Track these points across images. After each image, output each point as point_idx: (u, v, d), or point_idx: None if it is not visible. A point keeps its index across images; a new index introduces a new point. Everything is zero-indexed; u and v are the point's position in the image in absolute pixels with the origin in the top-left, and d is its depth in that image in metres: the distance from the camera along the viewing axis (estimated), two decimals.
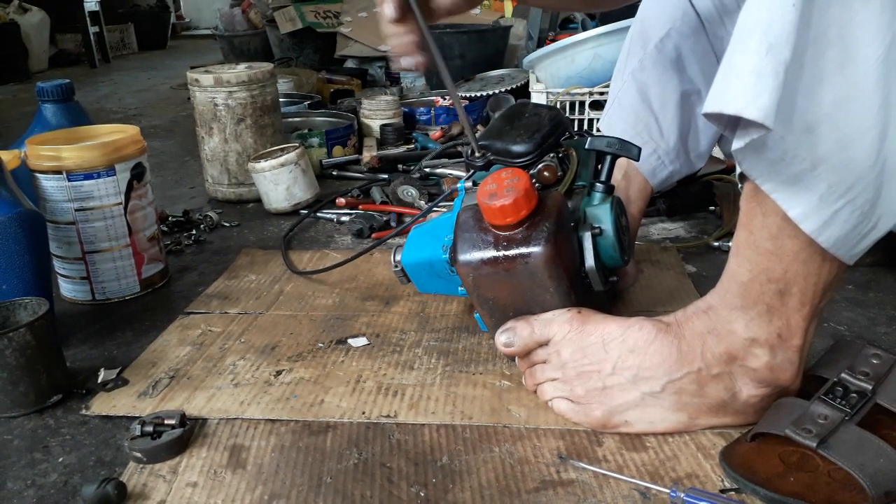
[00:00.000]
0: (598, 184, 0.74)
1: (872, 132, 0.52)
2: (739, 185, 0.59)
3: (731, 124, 0.53)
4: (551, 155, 0.77)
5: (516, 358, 0.74)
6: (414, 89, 2.33)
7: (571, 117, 1.58)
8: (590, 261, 0.70)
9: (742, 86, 0.49)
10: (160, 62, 4.08)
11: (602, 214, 0.72)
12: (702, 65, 0.88)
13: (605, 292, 0.74)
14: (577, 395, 0.67)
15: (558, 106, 1.56)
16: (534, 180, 0.74)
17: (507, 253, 0.67)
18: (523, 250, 0.67)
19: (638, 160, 0.75)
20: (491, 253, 0.68)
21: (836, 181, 0.53)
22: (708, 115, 0.52)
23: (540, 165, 0.75)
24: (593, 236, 0.71)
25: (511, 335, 0.70)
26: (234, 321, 0.92)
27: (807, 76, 0.51)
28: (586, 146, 0.74)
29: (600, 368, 0.66)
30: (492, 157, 0.77)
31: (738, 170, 0.57)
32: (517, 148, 0.76)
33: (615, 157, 0.74)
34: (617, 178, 0.90)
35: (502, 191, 0.67)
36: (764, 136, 0.51)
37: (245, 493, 0.61)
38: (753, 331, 0.61)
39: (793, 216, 0.55)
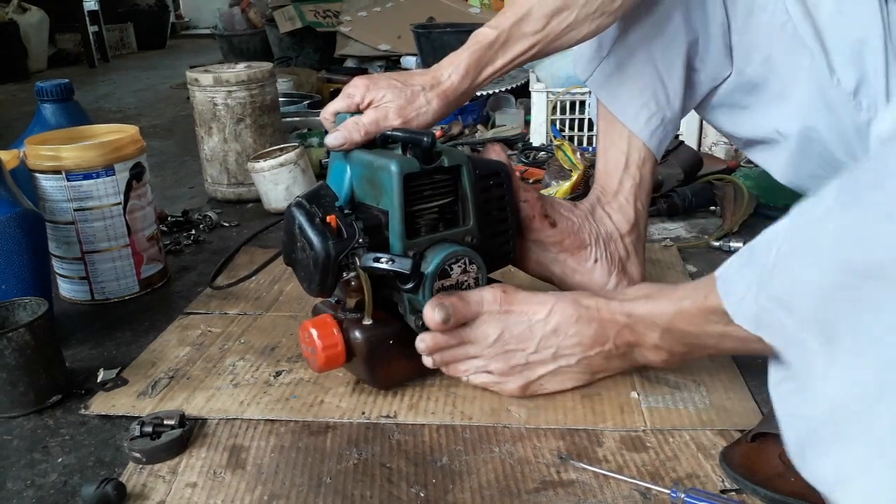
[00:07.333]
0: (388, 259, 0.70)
1: None
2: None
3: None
4: (346, 276, 0.71)
5: (429, 338, 0.71)
6: None
7: (571, 117, 1.58)
8: (411, 322, 0.72)
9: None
10: (159, 62, 4.07)
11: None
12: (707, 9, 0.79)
13: (494, 249, 0.77)
14: (499, 370, 0.72)
15: (558, 105, 1.56)
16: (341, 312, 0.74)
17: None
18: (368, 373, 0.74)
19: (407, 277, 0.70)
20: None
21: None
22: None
23: (338, 295, 0.75)
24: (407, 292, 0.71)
25: (448, 310, 0.69)
26: (234, 322, 0.92)
27: None
28: (361, 266, 0.69)
29: (524, 347, 0.71)
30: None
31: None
32: (311, 292, 0.74)
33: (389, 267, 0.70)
34: (631, 165, 0.85)
35: (313, 350, 0.72)
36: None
37: (245, 493, 0.61)
38: (664, 344, 0.66)
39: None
